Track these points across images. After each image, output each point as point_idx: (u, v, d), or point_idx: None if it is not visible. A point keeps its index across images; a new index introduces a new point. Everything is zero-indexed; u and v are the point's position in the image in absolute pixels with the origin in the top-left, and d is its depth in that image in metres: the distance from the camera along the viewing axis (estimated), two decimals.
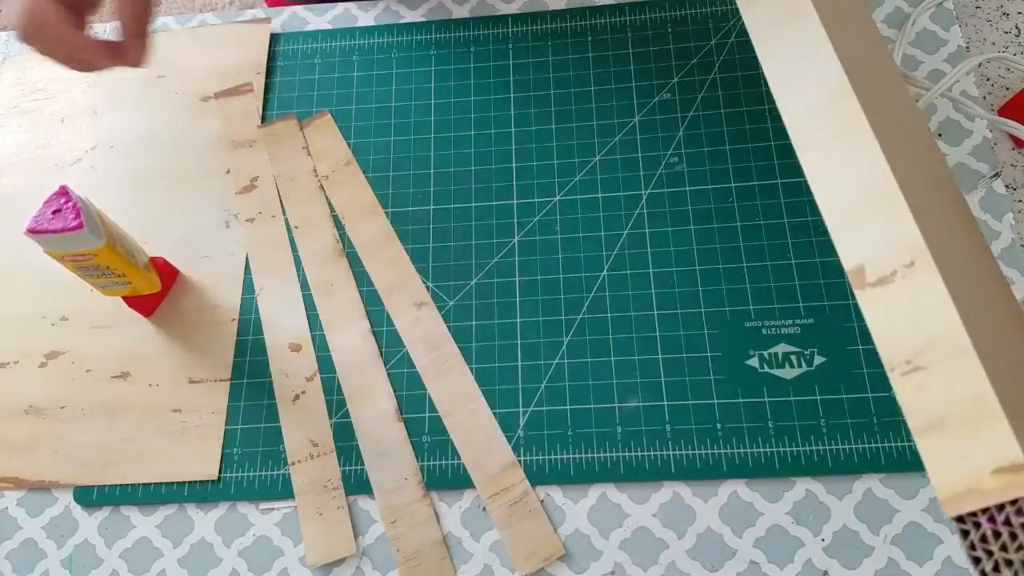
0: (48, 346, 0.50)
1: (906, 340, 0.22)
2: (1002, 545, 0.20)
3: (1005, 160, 0.47)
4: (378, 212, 0.51)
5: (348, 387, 0.46)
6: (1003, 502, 0.19)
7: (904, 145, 0.27)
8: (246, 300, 0.49)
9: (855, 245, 0.24)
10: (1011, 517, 0.19)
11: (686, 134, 0.50)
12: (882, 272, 0.23)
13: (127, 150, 0.55)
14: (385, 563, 0.43)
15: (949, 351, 0.21)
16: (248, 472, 0.45)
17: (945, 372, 0.21)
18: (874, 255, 0.23)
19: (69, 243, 0.41)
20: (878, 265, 0.23)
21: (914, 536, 0.40)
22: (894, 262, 0.23)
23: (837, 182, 0.25)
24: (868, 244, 0.24)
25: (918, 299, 0.22)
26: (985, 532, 0.20)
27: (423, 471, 0.44)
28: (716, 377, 0.44)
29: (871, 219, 0.24)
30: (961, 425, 0.20)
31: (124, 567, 0.44)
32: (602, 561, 0.41)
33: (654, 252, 0.47)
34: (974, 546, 0.20)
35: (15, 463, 0.47)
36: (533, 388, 0.45)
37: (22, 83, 0.58)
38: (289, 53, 0.56)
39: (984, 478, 0.20)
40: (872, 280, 0.23)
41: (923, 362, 0.22)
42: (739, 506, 0.42)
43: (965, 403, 0.20)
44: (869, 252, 0.24)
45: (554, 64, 0.53)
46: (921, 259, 0.22)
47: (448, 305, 0.48)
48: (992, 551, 0.20)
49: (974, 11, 0.51)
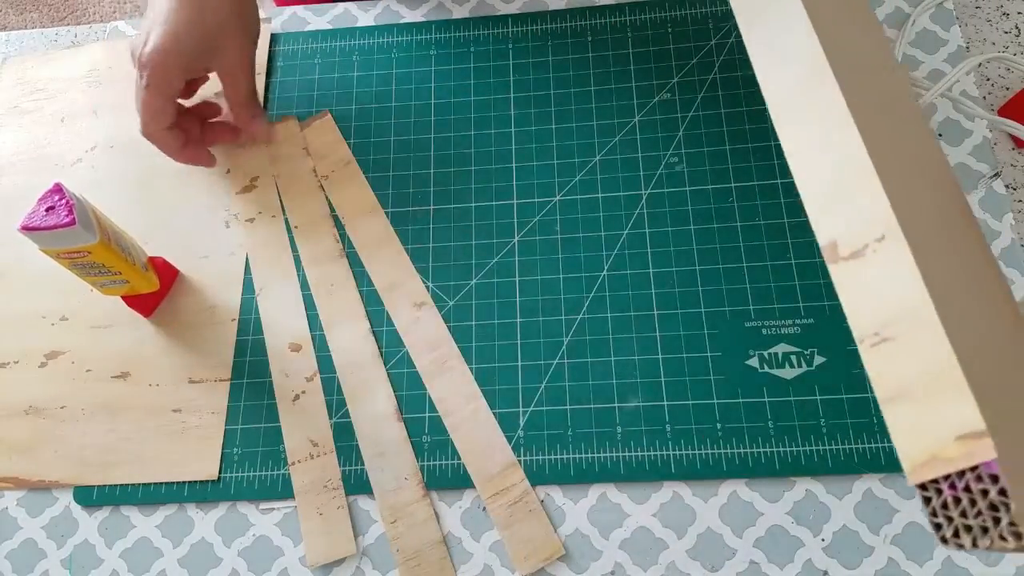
0: (48, 346, 0.50)
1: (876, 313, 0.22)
2: (962, 511, 0.20)
3: (1005, 160, 0.47)
4: (378, 212, 0.51)
5: (348, 387, 0.46)
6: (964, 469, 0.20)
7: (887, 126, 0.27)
8: (246, 300, 0.49)
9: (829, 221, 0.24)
10: (971, 483, 0.20)
11: (686, 134, 0.50)
12: (854, 247, 0.23)
13: (127, 150, 0.55)
14: (385, 563, 0.43)
15: (916, 323, 0.21)
16: (248, 472, 0.45)
17: (912, 343, 0.21)
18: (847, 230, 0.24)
19: (62, 240, 0.41)
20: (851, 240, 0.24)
21: (914, 536, 0.40)
22: (866, 237, 0.23)
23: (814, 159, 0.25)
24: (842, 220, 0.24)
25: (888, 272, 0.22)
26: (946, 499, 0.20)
27: (423, 471, 0.44)
28: (716, 377, 0.44)
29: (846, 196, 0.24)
30: (926, 395, 0.21)
31: (124, 567, 0.44)
32: (602, 561, 0.41)
33: (654, 252, 0.47)
34: (935, 512, 0.21)
35: (15, 463, 0.47)
36: (533, 388, 0.45)
37: (22, 83, 0.58)
38: (289, 53, 0.56)
39: (947, 446, 0.20)
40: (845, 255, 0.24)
41: (891, 333, 0.22)
42: (739, 506, 0.42)
43: (930, 374, 0.21)
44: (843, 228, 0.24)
45: (554, 64, 0.53)
46: (892, 233, 0.22)
47: (448, 305, 0.48)
48: (952, 517, 0.20)
49: (974, 11, 0.51)
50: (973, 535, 0.20)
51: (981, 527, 0.20)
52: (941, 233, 0.25)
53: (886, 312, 0.22)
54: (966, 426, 0.20)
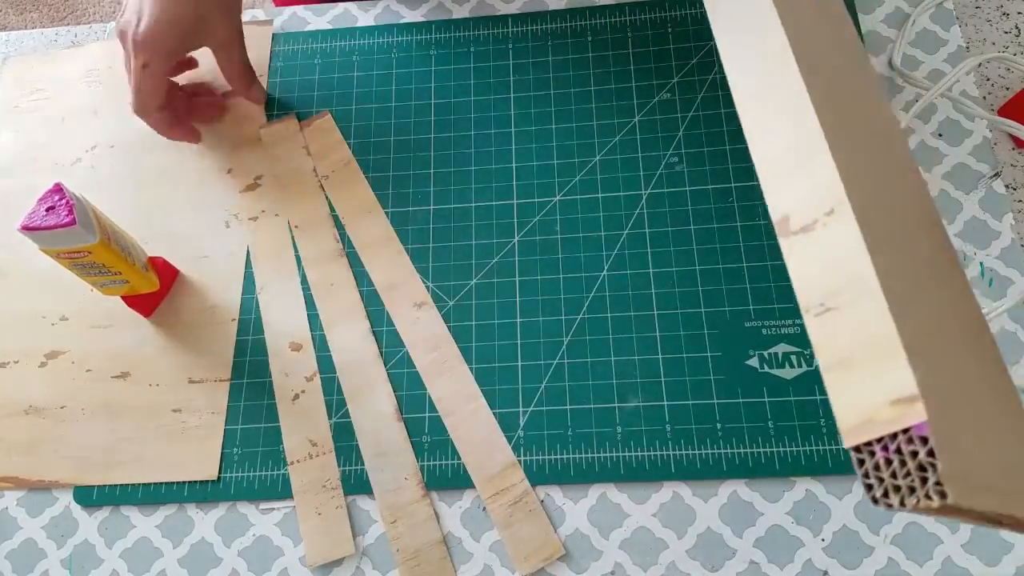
0: (48, 346, 0.50)
1: (822, 284, 0.23)
2: (892, 472, 0.21)
3: (1005, 160, 0.47)
4: (378, 212, 0.51)
5: (348, 387, 0.46)
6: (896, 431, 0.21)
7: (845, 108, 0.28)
8: (246, 300, 0.49)
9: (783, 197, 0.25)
10: (902, 446, 0.20)
11: (686, 134, 0.50)
12: (805, 221, 0.24)
13: (127, 150, 0.55)
14: (385, 563, 0.43)
15: (859, 292, 0.22)
16: (248, 472, 0.45)
17: (854, 312, 0.22)
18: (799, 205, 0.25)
19: (62, 240, 0.41)
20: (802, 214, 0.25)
21: (914, 536, 0.40)
22: (816, 211, 0.24)
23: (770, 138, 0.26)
24: (795, 196, 0.25)
25: (835, 245, 0.23)
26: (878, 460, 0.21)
27: (423, 471, 0.44)
28: (716, 377, 0.44)
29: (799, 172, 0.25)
30: (865, 361, 0.22)
31: (124, 567, 0.44)
32: (602, 561, 0.41)
33: (654, 252, 0.47)
34: (868, 474, 0.21)
35: (15, 463, 0.47)
36: (533, 388, 0.45)
37: (22, 83, 0.58)
38: (289, 53, 0.56)
39: (881, 409, 0.21)
40: (795, 229, 0.25)
41: (835, 303, 0.23)
42: (739, 506, 0.42)
43: (870, 341, 0.22)
44: (795, 204, 0.25)
45: (554, 64, 0.53)
46: (840, 207, 0.23)
47: (448, 305, 0.48)
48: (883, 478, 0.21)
49: (974, 11, 0.51)
50: (901, 495, 0.20)
51: (909, 487, 0.20)
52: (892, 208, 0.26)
53: (832, 283, 0.23)
54: (900, 390, 0.21)
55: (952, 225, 0.46)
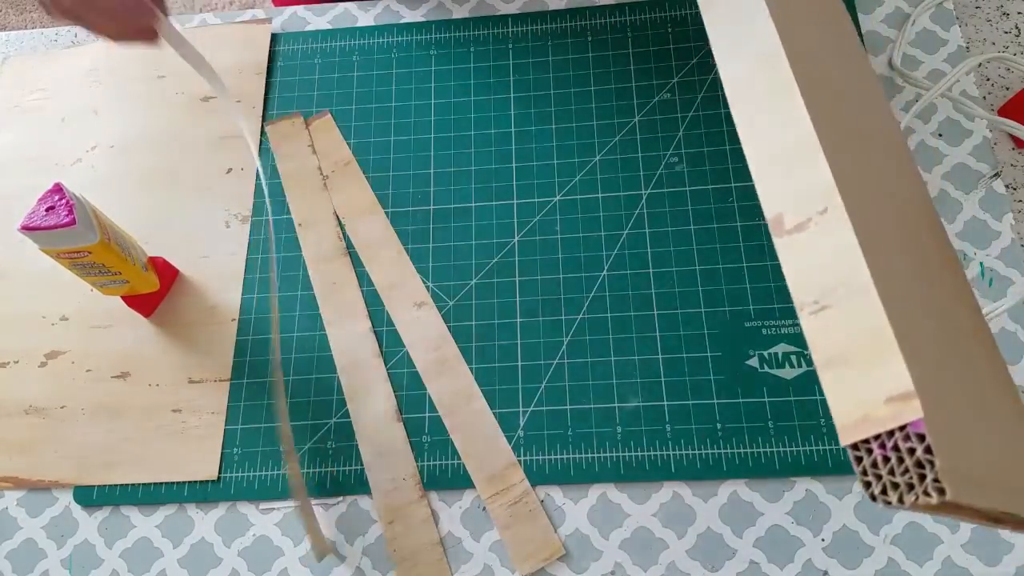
0: (48, 346, 0.50)
1: (816, 282, 0.24)
2: (890, 469, 0.21)
3: (1005, 160, 0.47)
4: (378, 212, 0.51)
5: (348, 387, 0.46)
6: (892, 429, 0.21)
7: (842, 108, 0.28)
8: (246, 300, 0.49)
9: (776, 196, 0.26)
10: (899, 443, 0.21)
11: (686, 134, 0.50)
12: (798, 220, 0.25)
13: (127, 150, 0.55)
14: (385, 563, 0.43)
15: (853, 290, 0.22)
16: (248, 472, 0.45)
17: (848, 310, 0.23)
18: (793, 204, 0.25)
19: (62, 240, 0.41)
20: (796, 213, 0.25)
21: (914, 536, 0.40)
22: (809, 210, 0.24)
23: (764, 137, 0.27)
24: (788, 195, 0.25)
25: (829, 243, 0.24)
26: (876, 458, 0.21)
27: (423, 471, 0.44)
28: (716, 377, 0.44)
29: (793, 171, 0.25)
30: (860, 359, 0.22)
31: (124, 567, 0.44)
32: (602, 561, 0.41)
33: (654, 252, 0.47)
34: (866, 471, 0.21)
35: (15, 463, 0.47)
36: (533, 388, 0.45)
37: (22, 83, 0.58)
38: (289, 53, 0.56)
39: (878, 407, 0.21)
40: (789, 227, 0.25)
41: (829, 301, 0.23)
42: (739, 506, 0.42)
43: (865, 339, 0.22)
44: (789, 202, 0.25)
45: (554, 64, 0.53)
46: (833, 205, 0.24)
47: (448, 305, 0.48)
48: (881, 475, 0.21)
49: (974, 11, 0.51)
50: (900, 492, 0.21)
51: (907, 484, 0.20)
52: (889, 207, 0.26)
53: (826, 281, 0.23)
54: (896, 388, 0.21)
55: (952, 225, 0.46)
